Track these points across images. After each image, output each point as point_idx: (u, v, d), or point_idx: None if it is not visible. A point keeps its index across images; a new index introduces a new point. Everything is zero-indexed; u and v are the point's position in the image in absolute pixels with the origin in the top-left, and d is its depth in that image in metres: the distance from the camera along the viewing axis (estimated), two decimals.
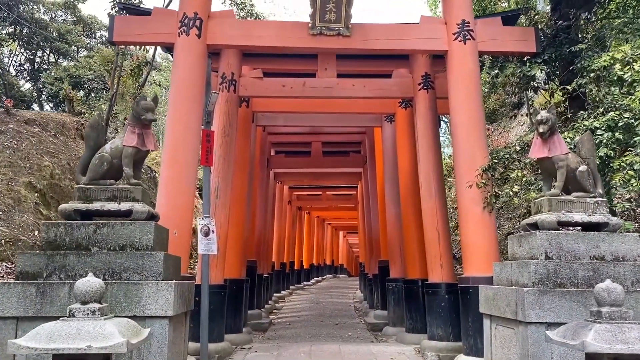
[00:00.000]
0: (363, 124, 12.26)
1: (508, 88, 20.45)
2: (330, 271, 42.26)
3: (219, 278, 8.56)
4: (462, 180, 7.49)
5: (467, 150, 7.52)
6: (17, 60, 21.71)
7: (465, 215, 7.46)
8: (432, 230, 8.68)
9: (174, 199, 7.12)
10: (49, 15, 21.61)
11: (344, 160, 16.74)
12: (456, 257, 12.10)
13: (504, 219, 14.04)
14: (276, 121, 12.03)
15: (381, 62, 10.09)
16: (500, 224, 13.40)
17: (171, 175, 7.21)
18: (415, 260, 9.88)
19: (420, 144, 9.01)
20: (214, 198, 8.59)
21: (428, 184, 8.83)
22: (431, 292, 8.57)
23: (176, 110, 7.40)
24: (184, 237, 7.16)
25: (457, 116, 7.71)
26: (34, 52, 21.55)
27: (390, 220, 11.47)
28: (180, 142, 7.31)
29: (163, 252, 4.90)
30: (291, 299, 20.95)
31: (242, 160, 10.17)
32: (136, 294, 4.61)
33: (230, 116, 9.01)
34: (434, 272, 8.60)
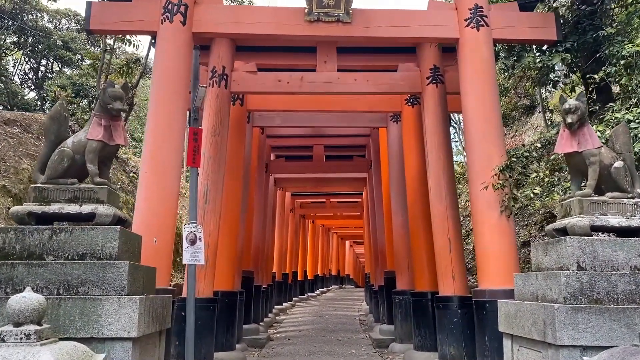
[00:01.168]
0: (367, 124, 11.62)
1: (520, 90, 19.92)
2: (335, 282, 41.55)
3: (207, 291, 7.91)
4: (477, 182, 6.83)
5: (482, 148, 6.86)
6: (21, 69, 21.78)
7: (480, 220, 6.79)
8: (442, 238, 8.01)
9: (155, 203, 6.50)
10: (53, 24, 21.51)
11: (347, 164, 16.09)
12: (467, 267, 11.40)
13: (519, 226, 13.33)
14: (273, 121, 11.42)
15: (385, 57, 9.48)
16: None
17: (152, 176, 6.60)
18: (424, 271, 9.19)
19: (429, 144, 8.36)
20: (203, 203, 7.97)
21: (438, 187, 8.16)
22: (442, 307, 7.88)
23: (158, 104, 6.81)
24: (165, 246, 6.53)
25: (471, 111, 7.06)
26: (38, 61, 21.56)
27: (397, 227, 10.80)
28: (162, 140, 6.70)
29: (129, 262, 4.26)
30: (293, 312, 20.25)
31: (236, 162, 9.55)
32: (94, 311, 3.97)
33: (221, 114, 8.40)
34: (445, 284, 7.92)
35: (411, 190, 9.65)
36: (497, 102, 7.07)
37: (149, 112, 6.84)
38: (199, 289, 7.71)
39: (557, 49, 7.27)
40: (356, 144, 15.30)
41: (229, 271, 9.12)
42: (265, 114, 11.32)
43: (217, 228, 8.18)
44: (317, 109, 10.21)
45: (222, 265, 8.84)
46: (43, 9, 20.46)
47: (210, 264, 7.96)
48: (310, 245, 29.43)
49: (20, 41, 19.63)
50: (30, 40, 19.62)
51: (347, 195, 22.89)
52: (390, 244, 11.66)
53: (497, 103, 7.06)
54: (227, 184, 9.13)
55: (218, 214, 8.19)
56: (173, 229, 6.74)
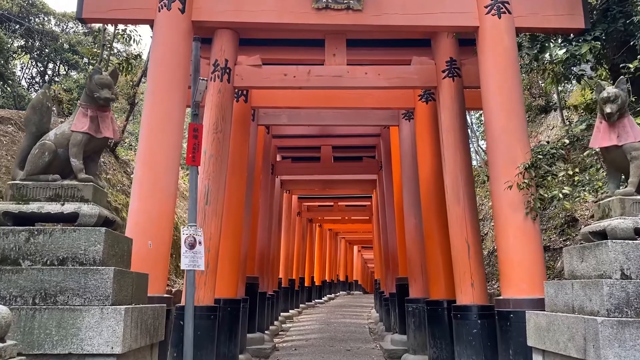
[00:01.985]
0: (378, 122, 11.16)
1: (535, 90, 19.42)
2: (344, 288, 41.02)
3: (208, 298, 7.48)
4: (499, 181, 6.36)
5: (505, 144, 6.39)
6: (28, 73, 21.77)
7: (502, 223, 6.32)
8: (460, 242, 7.53)
9: (150, 204, 6.09)
10: (60, 27, 21.42)
11: (356, 166, 15.63)
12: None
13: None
14: (280, 120, 10.99)
15: (398, 51, 9.03)
16: None
17: (146, 175, 6.18)
18: (439, 277, 8.71)
19: (446, 141, 7.89)
20: (203, 204, 7.55)
21: (455, 187, 7.69)
22: (460, 316, 7.39)
23: (154, 98, 6.40)
24: (161, 250, 6.11)
25: (492, 104, 6.60)
26: (45, 64, 21.48)
27: (410, 231, 10.32)
28: (158, 136, 6.30)
29: (115, 267, 3.84)
30: (300, 319, 19.79)
31: (239, 162, 9.13)
32: (73, 323, 3.55)
33: (224, 110, 7.98)
34: (463, 291, 7.44)
35: (425, 192, 9.19)
36: (521, 95, 6.60)
37: (145, 105, 6.44)
38: (199, 296, 7.30)
39: (585, 37, 6.80)
40: (366, 144, 14.84)
41: (231, 277, 8.69)
42: (271, 111, 10.90)
43: (219, 231, 7.75)
44: (325, 105, 9.78)
45: (224, 270, 8.41)
46: (50, 12, 20.44)
47: (211, 269, 7.53)
48: (318, 250, 28.95)
49: (28, 45, 19.65)
50: (37, 44, 19.58)
51: (355, 199, 22.42)
52: (402, 248, 11.19)
53: (521, 96, 6.60)
54: (230, 185, 8.71)
55: (220, 216, 7.77)
56: (170, 232, 6.32)
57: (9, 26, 17.98)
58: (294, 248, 21.74)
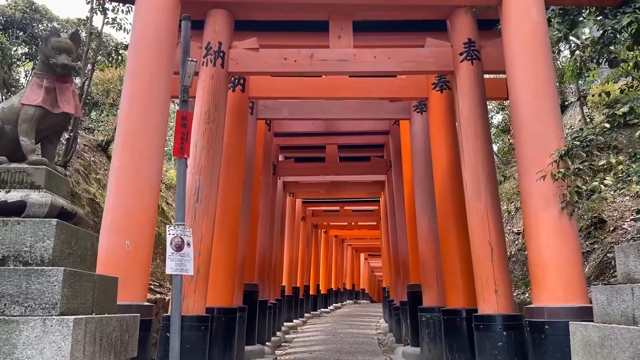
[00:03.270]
0: (387, 115, 10.44)
1: None
2: (350, 296, 40.18)
3: (198, 307, 6.76)
4: (529, 172, 5.63)
5: (535, 130, 5.66)
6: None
7: (534, 220, 5.57)
8: (482, 244, 6.79)
9: (129, 198, 5.40)
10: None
11: (364, 166, 14.90)
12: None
13: None
14: (280, 113, 10.30)
15: (410, 35, 8.34)
16: None
17: (126, 165, 5.50)
18: (457, 284, 7.97)
19: (465, 131, 7.17)
20: (193, 202, 6.85)
21: (476, 182, 6.96)
22: (482, 327, 6.64)
23: (135, 79, 5.73)
24: (141, 251, 5.40)
25: (520, 85, 5.88)
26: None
27: (423, 234, 9.58)
28: (140, 121, 5.61)
29: (68, 268, 3.13)
30: (305, 329, 19.00)
31: (236, 157, 8.43)
32: (8, 339, 2.84)
33: (217, 97, 7.30)
34: (486, 299, 6.68)
35: (440, 189, 8.46)
36: (553, 75, 5.88)
37: (124, 87, 5.76)
38: (188, 305, 6.59)
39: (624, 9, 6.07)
40: (373, 142, 14.11)
41: (226, 284, 7.97)
42: (271, 104, 10.21)
43: (211, 232, 7.04)
44: (330, 95, 9.07)
45: (218, 276, 7.71)
46: (53, 18, 20.15)
47: (202, 275, 6.82)
48: (323, 257, 28.17)
49: (31, 51, 19.38)
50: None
51: (362, 203, 21.69)
52: (415, 253, 10.43)
53: (553, 75, 5.87)
54: (225, 182, 8.02)
55: (212, 215, 7.06)
56: (152, 230, 5.61)
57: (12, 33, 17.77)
58: (298, 254, 20.97)
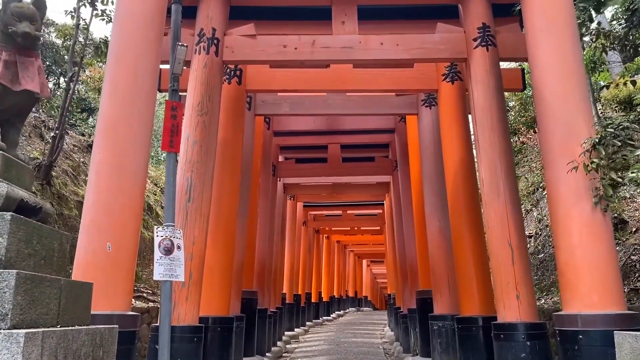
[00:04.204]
0: (393, 110, 9.93)
1: None
2: (353, 304, 39.57)
3: (191, 316, 6.24)
4: (556, 164, 5.12)
5: (563, 117, 5.16)
6: None
7: (563, 216, 5.05)
8: (501, 246, 6.27)
9: (111, 195, 4.89)
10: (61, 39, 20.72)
11: (368, 166, 14.38)
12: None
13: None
14: (280, 108, 9.80)
15: (419, 23, 7.85)
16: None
17: (107, 159, 4.99)
18: (472, 289, 7.43)
19: (480, 123, 6.67)
20: (185, 201, 6.35)
21: (494, 178, 6.45)
22: (503, 337, 6.10)
23: (118, 63, 5.24)
24: (124, 254, 4.89)
25: (545, 68, 5.38)
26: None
27: (433, 236, 9.05)
28: (122, 113, 5.12)
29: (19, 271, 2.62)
30: (307, 338, 18.42)
31: (232, 154, 7.94)
32: None
33: (211, 88, 6.81)
34: (506, 306, 6.16)
35: (453, 188, 7.94)
36: (580, 55, 5.37)
37: (106, 74, 5.28)
38: (179, 314, 6.09)
39: None
40: (378, 141, 13.59)
41: (222, 291, 7.45)
42: (270, 99, 9.71)
43: (204, 234, 6.53)
44: (333, 88, 8.58)
45: (213, 283, 7.21)
46: (51, 24, 19.84)
47: (195, 281, 6.31)
48: (326, 263, 27.60)
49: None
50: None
51: (366, 206, 21.16)
52: (424, 257, 9.90)
53: (580, 56, 5.37)
54: (220, 180, 7.53)
55: (205, 216, 6.55)
56: (137, 231, 5.10)
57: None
58: (300, 261, 20.42)
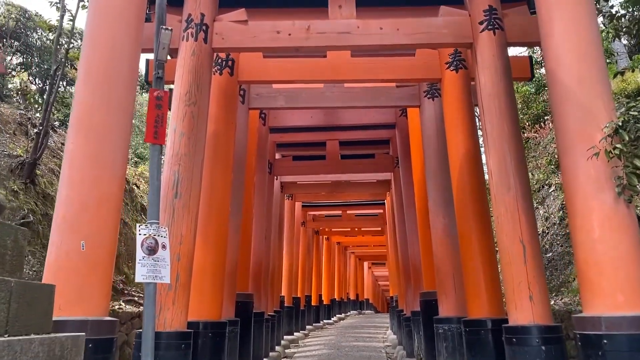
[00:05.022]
0: (394, 102, 9.50)
1: None
2: (354, 307, 39.15)
3: (178, 321, 5.81)
4: (574, 150, 4.72)
5: (581, 100, 4.75)
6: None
7: (582, 208, 4.64)
8: (512, 243, 5.86)
9: (85, 188, 4.49)
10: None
11: (368, 163, 13.98)
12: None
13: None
14: (275, 102, 9.39)
15: (421, 9, 7.43)
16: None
17: (81, 147, 4.59)
18: (480, 290, 7.02)
19: (488, 111, 6.27)
20: (171, 197, 5.94)
21: (503, 169, 6.05)
22: (516, 341, 5.69)
23: (94, 46, 4.84)
24: (100, 253, 4.48)
25: (560, 48, 4.98)
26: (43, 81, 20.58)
27: (437, 235, 8.63)
28: (98, 95, 4.72)
29: None
30: (307, 343, 18.00)
31: (224, 149, 7.54)
32: None
33: (199, 76, 6.41)
34: (518, 307, 5.75)
35: (458, 182, 7.53)
36: (598, 33, 4.97)
37: (82, 54, 4.88)
38: (165, 319, 5.69)
39: None
40: (378, 137, 13.21)
41: (213, 294, 7.04)
42: (265, 92, 9.32)
43: (193, 233, 6.12)
44: (331, 78, 8.17)
45: (204, 286, 6.82)
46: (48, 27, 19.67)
47: (183, 283, 5.89)
48: (326, 265, 27.17)
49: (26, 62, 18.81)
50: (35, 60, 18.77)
51: (366, 206, 20.78)
52: (428, 257, 9.49)
53: (598, 34, 4.97)
54: (210, 177, 7.14)
55: (194, 213, 6.14)
56: (115, 228, 4.69)
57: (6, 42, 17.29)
58: (299, 263, 20.00)
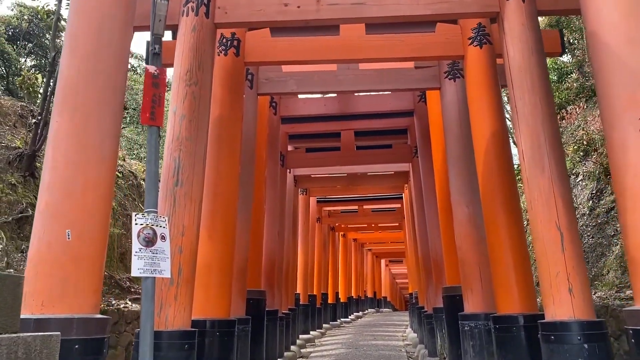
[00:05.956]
0: (412, 85, 8.92)
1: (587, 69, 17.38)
2: (372, 305, 38.68)
3: (181, 319, 5.36)
4: (621, 122, 4.16)
5: (630, 62, 4.19)
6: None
7: (632, 187, 4.09)
8: (548, 230, 5.31)
9: (69, 173, 4.05)
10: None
11: (385, 154, 13.44)
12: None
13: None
14: (286, 86, 8.90)
15: None
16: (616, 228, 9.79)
17: (65, 129, 4.14)
18: (510, 283, 6.47)
19: (518, 86, 5.71)
20: (172, 184, 5.48)
21: (536, 149, 5.49)
22: (554, 338, 5.14)
23: (79, 13, 4.39)
24: (88, 243, 4.03)
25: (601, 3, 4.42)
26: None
27: (461, 225, 8.08)
28: (84, 69, 4.27)
29: None
30: (323, 342, 17.56)
31: (230, 135, 7.08)
32: None
33: (201, 54, 5.95)
34: (556, 301, 5.19)
35: (484, 168, 6.97)
36: None
37: (67, 24, 4.44)
38: (167, 317, 5.25)
39: None
40: (396, 126, 12.66)
41: (221, 290, 6.60)
42: (274, 76, 8.84)
43: (197, 224, 5.65)
44: (344, 57, 7.65)
45: (210, 281, 6.39)
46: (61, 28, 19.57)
47: (186, 278, 5.44)
48: (342, 262, 26.69)
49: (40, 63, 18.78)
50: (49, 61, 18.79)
51: (383, 200, 20.25)
52: (450, 249, 8.94)
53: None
54: (215, 164, 6.70)
55: (197, 202, 5.67)
56: (106, 215, 4.23)
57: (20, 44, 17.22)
58: (314, 259, 19.55)
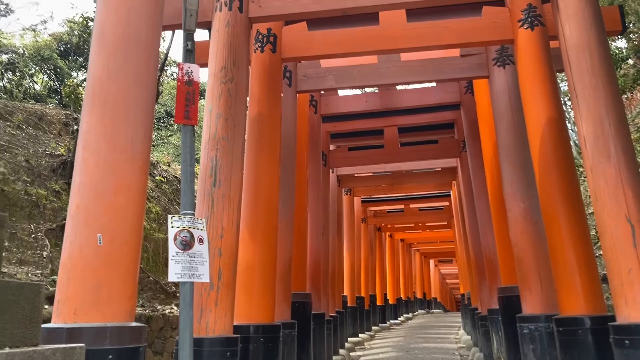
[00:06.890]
0: (458, 75, 8.48)
1: None
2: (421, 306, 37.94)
3: (222, 326, 5.17)
4: None
5: None
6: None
7: None
8: (616, 222, 4.84)
9: (99, 175, 3.89)
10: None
11: (431, 149, 12.96)
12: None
13: None
14: (325, 82, 8.63)
15: None
16: None
17: (95, 129, 3.99)
18: (574, 281, 5.99)
19: (576, 67, 5.26)
20: (210, 185, 5.31)
21: (600, 135, 5.02)
22: (629, 343, 4.67)
23: (107, 7, 4.25)
24: (121, 248, 3.86)
25: None
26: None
27: (517, 221, 7.60)
28: (113, 66, 4.11)
29: None
30: (373, 345, 17.19)
31: (269, 134, 6.86)
32: None
33: (235, 50, 5.76)
34: (629, 301, 4.72)
35: (541, 158, 6.51)
36: None
37: (95, 21, 4.29)
38: (207, 323, 5.07)
39: None
40: (441, 120, 12.20)
41: (265, 293, 6.38)
42: (312, 72, 8.59)
43: (235, 226, 5.46)
44: (384, 48, 7.30)
45: (253, 284, 6.19)
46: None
47: (226, 282, 5.25)
48: (390, 263, 26.20)
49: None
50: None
51: (430, 199, 19.72)
52: (505, 247, 8.45)
53: None
54: (255, 163, 6.50)
55: (236, 203, 5.48)
56: (137, 218, 4.05)
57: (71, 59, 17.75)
58: (361, 261, 19.20)
